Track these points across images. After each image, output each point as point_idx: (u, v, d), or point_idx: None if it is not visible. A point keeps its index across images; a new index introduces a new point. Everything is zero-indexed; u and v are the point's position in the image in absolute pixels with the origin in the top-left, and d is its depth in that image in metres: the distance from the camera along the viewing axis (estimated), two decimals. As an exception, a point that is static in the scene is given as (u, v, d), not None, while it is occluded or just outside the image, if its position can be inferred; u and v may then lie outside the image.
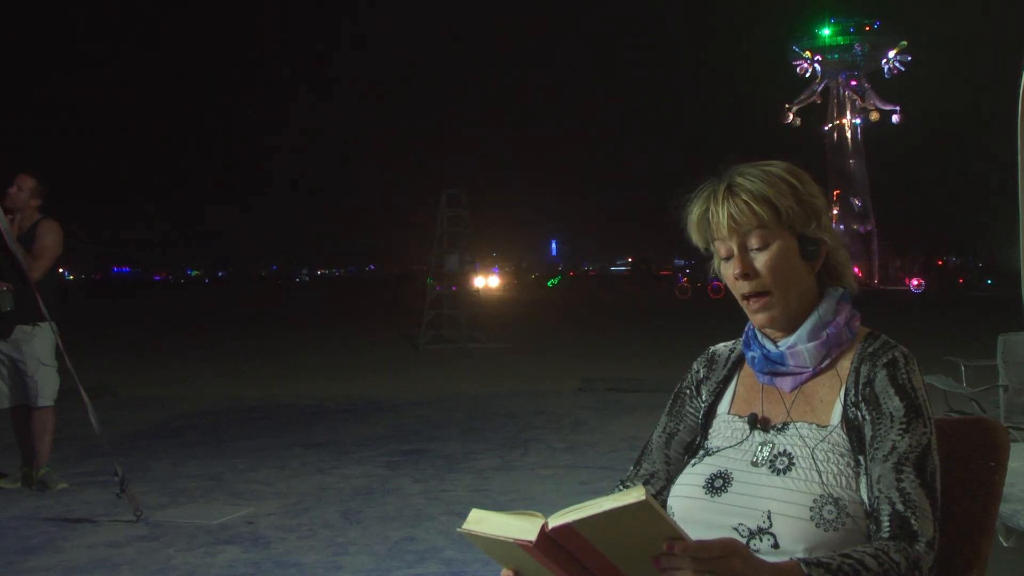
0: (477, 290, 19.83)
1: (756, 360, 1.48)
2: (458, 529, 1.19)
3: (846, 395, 1.40)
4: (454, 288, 16.67)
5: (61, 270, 5.76)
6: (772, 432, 1.42)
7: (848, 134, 62.57)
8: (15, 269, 4.95)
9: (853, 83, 61.21)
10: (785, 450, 1.38)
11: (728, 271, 1.45)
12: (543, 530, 1.10)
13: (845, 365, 1.43)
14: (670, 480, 1.49)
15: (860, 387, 1.39)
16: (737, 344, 1.58)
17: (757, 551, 1.29)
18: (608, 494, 1.11)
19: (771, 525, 1.31)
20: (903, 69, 58.64)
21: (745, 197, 1.41)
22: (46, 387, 5.18)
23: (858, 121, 62.03)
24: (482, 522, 1.15)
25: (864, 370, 1.40)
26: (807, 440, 1.38)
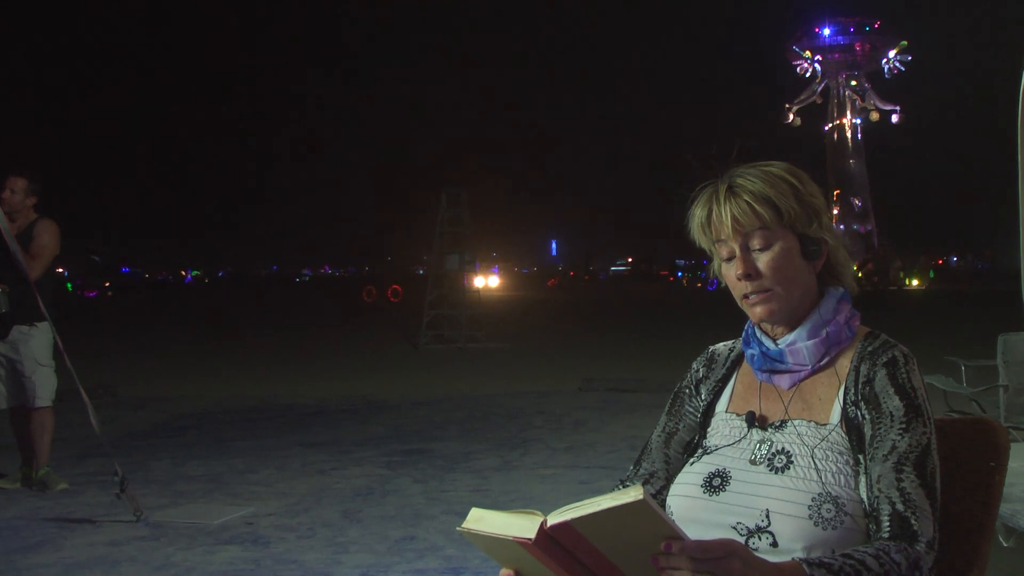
0: (477, 290, 19.85)
1: (755, 358, 1.48)
2: (458, 528, 1.19)
3: (845, 394, 1.40)
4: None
5: (60, 269, 5.75)
6: (770, 430, 1.42)
7: (848, 134, 62.55)
8: (12, 269, 4.94)
9: (853, 83, 61.19)
10: (783, 448, 1.38)
11: (730, 272, 1.45)
12: (542, 528, 1.10)
13: (844, 364, 1.43)
14: (669, 479, 1.49)
15: (860, 386, 1.39)
16: (737, 343, 1.58)
17: (756, 550, 1.29)
18: (608, 493, 1.11)
19: (769, 524, 1.31)
20: (903, 69, 58.64)
21: (747, 198, 1.41)
22: (44, 387, 5.17)
23: (858, 121, 62.03)
24: (482, 520, 1.15)
25: (864, 369, 1.40)
26: (805, 438, 1.38)
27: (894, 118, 59.61)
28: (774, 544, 1.30)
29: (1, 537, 4.25)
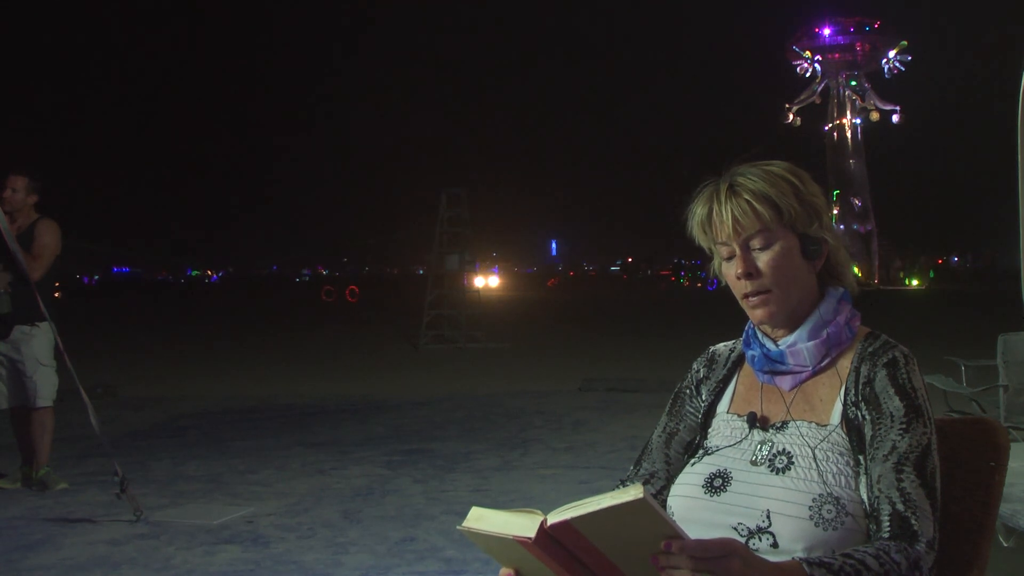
0: (477, 290, 19.83)
1: (756, 359, 1.48)
2: (458, 527, 1.19)
3: (846, 394, 1.40)
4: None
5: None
6: (771, 431, 1.42)
7: (848, 134, 62.49)
8: (14, 270, 4.94)
9: (853, 83, 61.15)
10: (784, 449, 1.38)
11: (730, 271, 1.45)
12: (542, 527, 1.10)
13: (845, 364, 1.43)
14: (670, 480, 1.49)
15: (860, 387, 1.39)
16: (737, 344, 1.58)
17: (756, 550, 1.29)
18: (607, 492, 1.11)
19: (770, 524, 1.31)
20: (903, 69, 58.59)
21: (747, 197, 1.41)
22: (45, 387, 5.17)
23: (858, 121, 61.97)
24: (482, 519, 1.15)
25: (864, 370, 1.40)
26: (807, 439, 1.38)
27: (894, 118, 59.53)
28: (775, 545, 1.30)
29: (1, 537, 4.25)
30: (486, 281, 45.90)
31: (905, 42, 58.92)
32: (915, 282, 53.39)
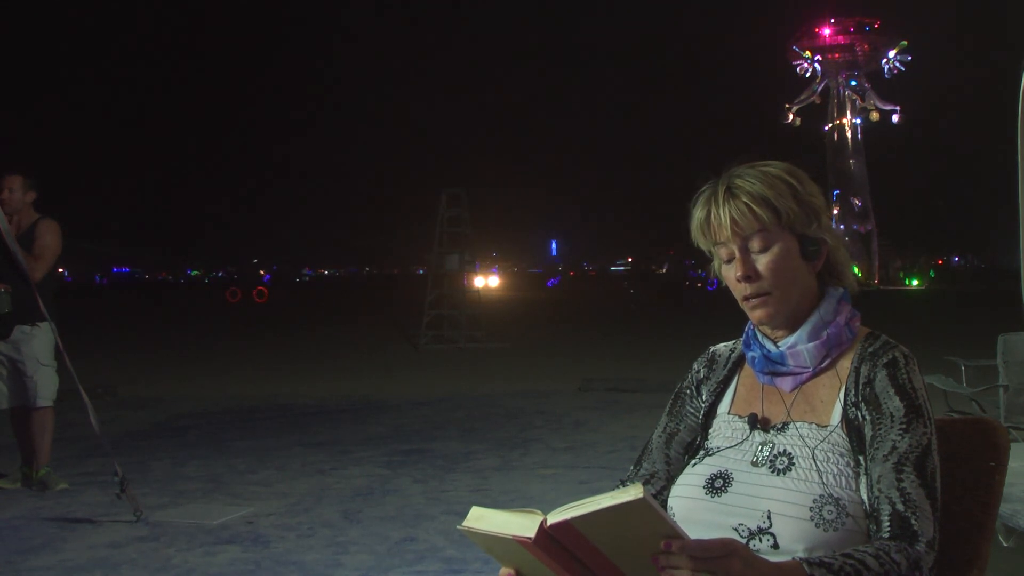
0: (477, 290, 19.84)
1: (756, 360, 1.48)
2: (458, 526, 1.19)
3: (846, 395, 1.40)
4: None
5: (61, 270, 5.74)
6: (772, 432, 1.42)
7: (848, 134, 62.50)
8: (14, 269, 4.93)
9: (853, 83, 61.17)
10: (785, 450, 1.38)
11: (730, 273, 1.45)
12: (542, 527, 1.10)
13: (845, 365, 1.43)
14: (670, 480, 1.49)
15: (860, 387, 1.39)
16: (737, 344, 1.58)
17: (757, 551, 1.29)
18: (607, 492, 1.11)
19: (771, 525, 1.31)
20: (903, 69, 58.60)
21: (745, 199, 1.41)
22: (45, 387, 5.16)
23: (858, 121, 61.98)
24: (482, 519, 1.15)
25: (864, 370, 1.40)
26: (807, 440, 1.38)
27: (894, 118, 59.53)
28: (775, 546, 1.30)
29: (1, 538, 4.25)
30: (486, 281, 45.91)
31: (905, 42, 58.91)
32: (915, 282, 53.41)
